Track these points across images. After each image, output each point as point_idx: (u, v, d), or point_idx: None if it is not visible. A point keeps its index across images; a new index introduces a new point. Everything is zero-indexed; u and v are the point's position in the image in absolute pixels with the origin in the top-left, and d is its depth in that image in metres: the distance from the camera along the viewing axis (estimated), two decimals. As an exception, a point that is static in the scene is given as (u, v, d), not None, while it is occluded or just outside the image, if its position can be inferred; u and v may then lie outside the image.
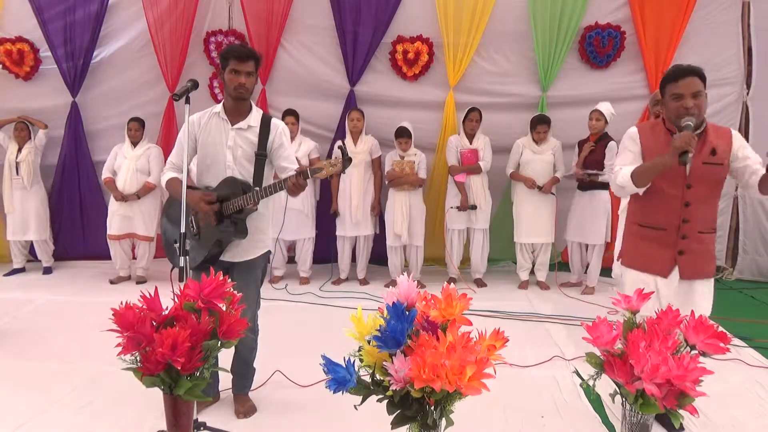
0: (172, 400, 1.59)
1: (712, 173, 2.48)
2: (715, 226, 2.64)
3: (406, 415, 1.36)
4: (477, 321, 1.38)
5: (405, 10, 5.53)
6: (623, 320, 1.70)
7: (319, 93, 5.69)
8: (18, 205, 5.59)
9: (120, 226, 5.32)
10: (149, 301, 1.65)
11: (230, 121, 2.71)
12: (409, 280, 1.50)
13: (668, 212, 2.54)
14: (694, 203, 2.50)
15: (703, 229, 2.56)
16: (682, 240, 2.53)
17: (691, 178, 2.48)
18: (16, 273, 5.71)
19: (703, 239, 2.58)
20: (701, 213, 2.53)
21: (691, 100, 2.40)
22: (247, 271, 2.75)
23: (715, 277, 2.78)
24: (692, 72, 2.45)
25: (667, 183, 2.51)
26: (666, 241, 2.56)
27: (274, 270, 5.48)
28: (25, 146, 5.56)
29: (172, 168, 2.81)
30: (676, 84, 2.45)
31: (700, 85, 2.46)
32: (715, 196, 2.59)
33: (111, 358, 1.60)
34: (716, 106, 5.51)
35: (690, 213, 2.51)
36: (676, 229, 2.53)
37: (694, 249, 2.55)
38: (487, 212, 5.31)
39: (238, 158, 2.70)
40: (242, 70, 2.61)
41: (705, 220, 2.56)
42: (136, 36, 5.66)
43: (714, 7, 5.40)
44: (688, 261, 2.56)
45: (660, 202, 2.56)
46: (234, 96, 2.66)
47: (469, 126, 5.22)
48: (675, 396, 1.42)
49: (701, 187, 2.49)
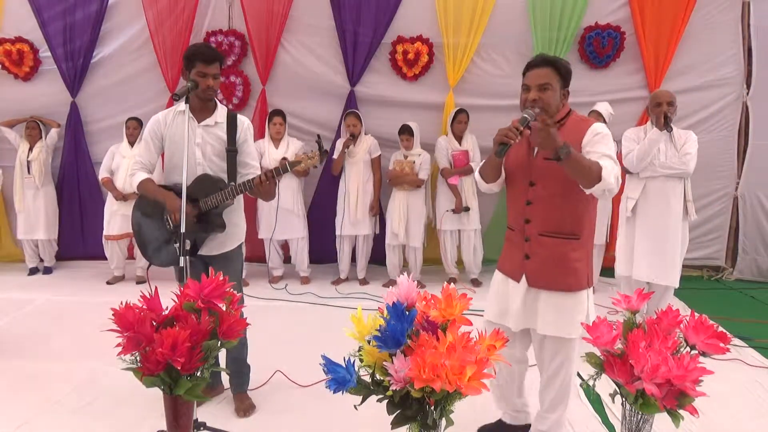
0: (172, 400, 1.59)
1: (555, 170, 2.15)
2: (573, 230, 2.23)
3: (406, 415, 1.36)
4: (477, 321, 1.37)
5: (405, 10, 5.53)
6: (623, 320, 1.70)
7: (319, 93, 5.69)
8: (29, 204, 5.61)
9: (121, 225, 5.32)
10: (149, 301, 1.66)
11: (196, 118, 2.72)
12: (409, 280, 1.51)
13: (515, 211, 2.35)
14: (536, 202, 2.25)
15: (545, 232, 2.24)
16: (526, 242, 2.28)
17: (534, 174, 2.25)
18: (35, 273, 5.74)
19: (547, 243, 2.24)
20: (544, 213, 2.24)
21: (534, 93, 2.18)
22: (225, 263, 2.77)
23: (715, 277, 2.72)
24: (544, 63, 2.21)
25: (514, 179, 2.35)
26: (516, 241, 2.35)
27: (272, 270, 5.48)
28: (36, 145, 5.57)
29: (142, 168, 2.79)
30: (525, 75, 2.25)
31: (551, 77, 2.19)
32: (564, 195, 2.20)
33: (111, 358, 1.60)
34: (716, 106, 5.52)
35: (531, 213, 2.27)
36: (522, 230, 2.31)
37: (540, 254, 2.25)
38: (476, 213, 5.30)
39: (208, 155, 2.73)
40: (209, 73, 2.64)
41: (549, 221, 2.23)
42: (135, 36, 5.66)
43: (714, 7, 5.40)
44: (535, 267, 2.26)
45: (510, 200, 2.40)
46: (203, 97, 2.69)
47: (458, 128, 5.22)
48: (675, 396, 1.42)
49: (545, 184, 2.22)
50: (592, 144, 2.17)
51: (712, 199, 5.67)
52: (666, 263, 3.86)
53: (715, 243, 5.77)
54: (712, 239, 5.76)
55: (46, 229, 5.68)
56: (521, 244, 2.30)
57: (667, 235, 3.87)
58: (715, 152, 5.52)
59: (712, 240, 5.76)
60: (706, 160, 5.23)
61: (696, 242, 5.52)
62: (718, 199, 5.68)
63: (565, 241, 2.23)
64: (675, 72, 5.46)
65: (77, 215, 5.93)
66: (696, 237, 5.52)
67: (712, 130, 5.54)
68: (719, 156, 5.58)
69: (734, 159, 5.62)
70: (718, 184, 5.65)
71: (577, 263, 2.23)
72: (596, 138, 2.17)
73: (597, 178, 2.03)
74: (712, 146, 5.46)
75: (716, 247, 5.78)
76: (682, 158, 3.81)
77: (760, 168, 5.54)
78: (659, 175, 3.87)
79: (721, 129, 5.56)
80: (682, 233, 3.92)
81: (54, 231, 5.78)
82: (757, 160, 5.55)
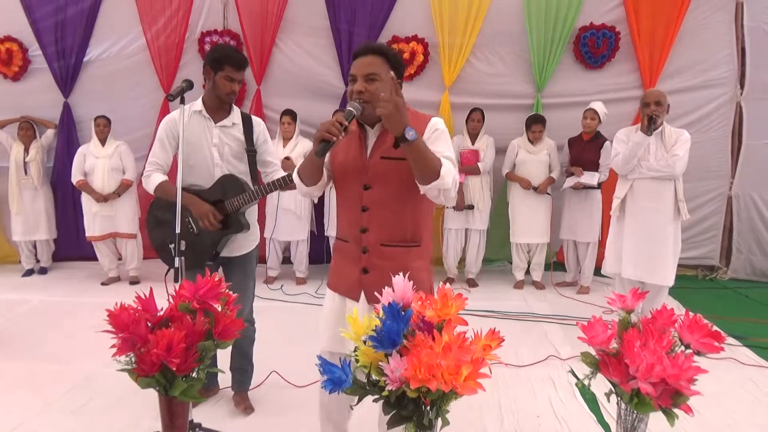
0: (167, 401, 1.58)
1: (394, 170, 1.91)
2: (414, 237, 1.99)
3: (402, 415, 1.35)
4: (473, 321, 1.38)
5: (400, 10, 5.54)
6: (618, 320, 1.70)
7: (314, 93, 5.69)
8: (28, 206, 5.56)
9: (102, 226, 5.29)
10: (144, 301, 1.65)
11: (213, 118, 2.69)
12: (405, 280, 1.50)
13: (349, 220, 2.03)
14: (373, 208, 1.95)
15: (387, 242, 1.96)
16: (364, 254, 1.98)
17: (369, 176, 1.95)
18: (30, 274, 5.72)
19: (389, 254, 1.96)
20: (383, 220, 1.96)
21: (360, 84, 1.88)
22: (243, 264, 2.79)
23: (709, 276, 2.74)
24: (370, 51, 1.93)
25: (345, 183, 2.03)
26: (351, 255, 2.03)
27: (269, 270, 5.47)
28: (32, 146, 5.52)
29: (157, 169, 2.71)
30: (352, 64, 1.95)
31: (378, 66, 1.90)
32: (403, 199, 1.95)
33: (106, 359, 1.59)
34: (710, 106, 5.55)
35: (368, 220, 1.96)
36: (358, 241, 1.99)
37: (381, 266, 1.94)
38: (485, 213, 5.32)
39: (225, 155, 2.70)
40: (236, 78, 2.62)
41: (389, 228, 1.96)
42: (128, 35, 5.65)
43: (708, 7, 5.43)
44: (375, 281, 1.89)
45: (342, 207, 2.08)
46: (224, 100, 2.66)
47: (470, 126, 5.24)
48: (670, 395, 1.43)
49: (382, 187, 1.94)
50: (431, 141, 1.92)
51: (707, 199, 5.70)
52: (654, 262, 3.87)
53: (710, 242, 5.80)
54: (707, 239, 5.79)
55: (48, 229, 5.67)
56: (358, 257, 1.99)
57: (656, 235, 3.87)
58: (709, 152, 5.54)
59: (707, 239, 5.79)
60: (700, 160, 5.27)
61: (690, 242, 5.55)
62: (712, 198, 5.71)
63: (406, 249, 1.98)
64: (669, 72, 5.48)
65: (72, 215, 5.90)
66: (690, 237, 5.55)
67: (706, 130, 5.56)
68: (713, 156, 5.60)
69: (728, 159, 5.65)
70: (712, 183, 5.67)
71: (421, 273, 1.97)
72: (436, 134, 1.95)
73: (436, 174, 1.80)
74: (706, 146, 5.49)
75: (710, 247, 5.81)
76: (669, 160, 3.80)
77: (753, 168, 5.57)
78: (646, 177, 3.88)
79: (715, 129, 5.59)
80: (674, 233, 3.92)
81: (54, 231, 5.78)
82: (751, 160, 5.58)
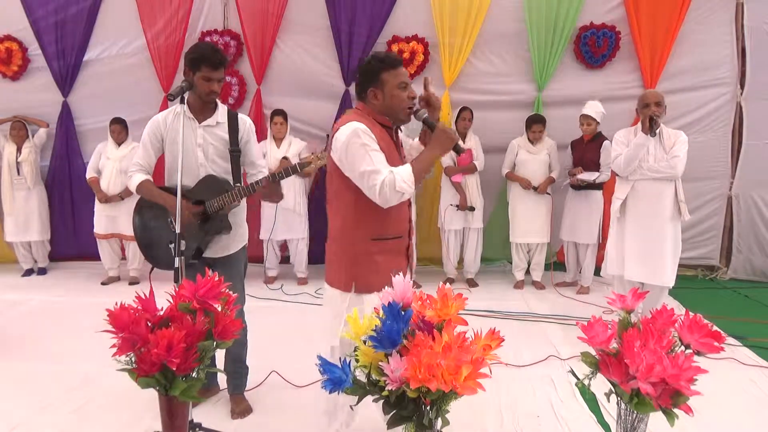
0: (167, 401, 1.58)
1: None
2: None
3: (402, 415, 1.35)
4: (473, 321, 1.38)
5: (400, 10, 5.53)
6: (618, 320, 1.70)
7: (315, 93, 5.68)
8: (20, 206, 5.55)
9: (106, 226, 5.31)
10: (144, 301, 1.65)
11: (197, 119, 2.69)
12: (405, 280, 1.50)
13: (400, 216, 2.32)
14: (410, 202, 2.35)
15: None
16: (408, 245, 2.38)
17: None
18: (29, 274, 5.71)
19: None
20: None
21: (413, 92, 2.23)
22: (230, 265, 2.75)
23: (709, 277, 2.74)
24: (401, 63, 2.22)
25: None
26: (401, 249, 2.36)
27: (267, 270, 5.46)
28: (24, 146, 5.51)
29: (140, 170, 2.73)
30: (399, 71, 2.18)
31: None
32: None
33: (106, 359, 1.59)
34: (710, 106, 5.53)
35: (411, 213, 2.40)
36: (408, 234, 2.37)
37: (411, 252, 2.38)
38: (481, 212, 5.32)
39: (210, 155, 2.69)
40: (215, 78, 2.60)
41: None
42: (128, 34, 5.64)
43: (708, 7, 5.41)
44: None
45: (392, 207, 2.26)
46: (205, 100, 2.66)
47: (462, 125, 5.23)
48: (670, 395, 1.43)
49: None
50: None
51: (707, 199, 5.69)
52: (656, 264, 3.86)
53: (710, 243, 5.79)
54: (707, 239, 5.78)
55: (40, 230, 5.65)
56: (405, 250, 2.33)
57: (657, 236, 3.86)
58: (709, 152, 5.54)
59: (707, 240, 5.78)
60: (701, 160, 5.26)
61: (691, 242, 5.54)
62: (713, 199, 5.70)
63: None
64: (670, 72, 5.47)
65: (69, 215, 5.90)
66: (691, 237, 5.54)
67: (707, 130, 5.55)
68: (713, 156, 5.59)
69: (728, 159, 5.63)
70: (712, 184, 5.66)
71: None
72: None
73: None
74: (706, 146, 5.48)
75: (711, 247, 5.80)
76: (670, 161, 3.81)
77: (754, 168, 5.56)
78: (647, 178, 3.89)
79: (715, 129, 5.58)
80: (675, 234, 3.92)
81: (47, 231, 5.75)
82: (751, 160, 5.57)
